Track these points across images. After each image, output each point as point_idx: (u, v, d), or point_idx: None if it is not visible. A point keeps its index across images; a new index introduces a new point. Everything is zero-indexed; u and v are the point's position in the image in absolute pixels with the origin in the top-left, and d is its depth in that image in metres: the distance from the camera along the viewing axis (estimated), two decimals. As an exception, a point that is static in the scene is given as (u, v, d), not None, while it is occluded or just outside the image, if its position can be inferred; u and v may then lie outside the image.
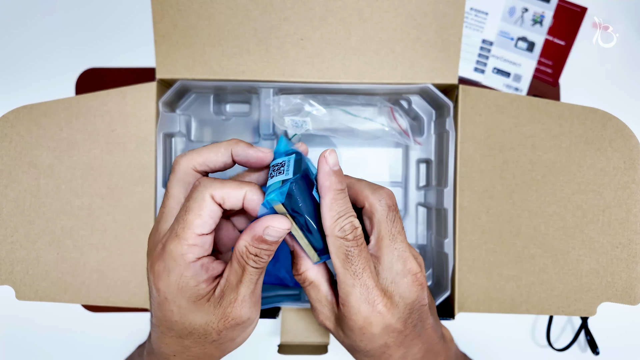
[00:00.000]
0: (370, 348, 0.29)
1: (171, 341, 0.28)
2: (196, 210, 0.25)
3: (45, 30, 0.55)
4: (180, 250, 0.25)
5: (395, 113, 0.47)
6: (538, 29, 0.56)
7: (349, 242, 0.27)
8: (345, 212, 0.27)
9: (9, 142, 0.42)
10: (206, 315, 0.27)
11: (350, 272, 0.27)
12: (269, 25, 0.42)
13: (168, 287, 0.26)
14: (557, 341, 0.54)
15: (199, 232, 0.25)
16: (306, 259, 0.29)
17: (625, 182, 0.41)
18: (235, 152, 0.29)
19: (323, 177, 0.27)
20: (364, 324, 0.28)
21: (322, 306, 0.30)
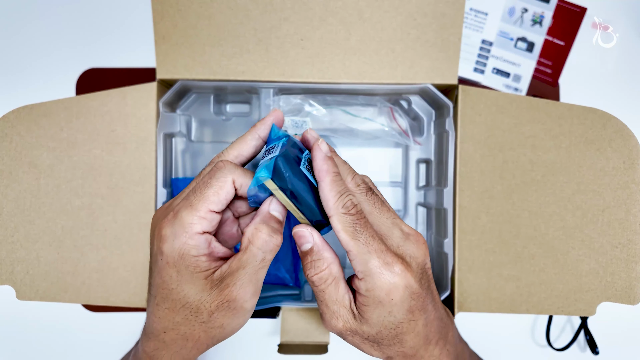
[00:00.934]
0: (399, 319, 0.29)
1: (163, 314, 0.29)
2: (216, 188, 0.28)
3: (45, 30, 0.55)
4: (191, 220, 0.27)
5: (395, 113, 0.48)
6: (538, 29, 0.56)
7: (353, 216, 0.28)
8: (345, 191, 0.29)
9: (10, 142, 0.42)
10: (201, 292, 0.28)
11: (361, 242, 0.28)
12: (269, 25, 0.42)
13: (172, 251, 0.27)
14: (556, 341, 0.54)
15: (212, 208, 0.28)
16: (328, 251, 0.29)
17: (625, 182, 0.41)
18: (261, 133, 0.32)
19: (320, 162, 0.29)
20: (390, 288, 0.28)
21: (340, 307, 0.30)
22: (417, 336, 0.30)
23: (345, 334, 0.31)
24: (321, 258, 0.29)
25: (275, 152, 0.29)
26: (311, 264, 0.29)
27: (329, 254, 0.29)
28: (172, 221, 0.28)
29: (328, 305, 0.30)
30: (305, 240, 0.29)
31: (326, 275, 0.29)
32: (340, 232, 0.28)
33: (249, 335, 0.55)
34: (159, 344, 0.30)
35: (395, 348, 0.31)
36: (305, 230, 0.29)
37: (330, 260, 0.29)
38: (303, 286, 0.47)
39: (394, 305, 0.29)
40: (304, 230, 0.29)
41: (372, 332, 0.30)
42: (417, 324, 0.30)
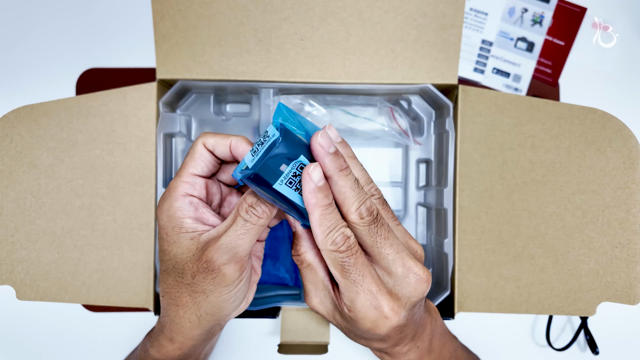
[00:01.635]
0: (371, 337, 0.31)
1: (162, 278, 0.31)
2: (191, 154, 0.31)
3: (45, 30, 0.55)
4: (175, 184, 0.30)
5: (395, 113, 0.48)
6: (538, 29, 0.56)
7: (342, 253, 0.27)
8: (335, 225, 0.27)
9: (10, 142, 0.42)
10: (187, 252, 0.29)
11: (350, 281, 0.28)
12: (269, 25, 0.42)
13: (162, 213, 0.30)
14: (556, 341, 0.54)
15: (191, 171, 0.30)
16: (307, 241, 0.30)
17: (625, 182, 0.41)
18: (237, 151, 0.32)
19: (309, 195, 0.26)
20: (372, 327, 0.29)
21: (318, 289, 0.31)
22: (385, 344, 0.32)
23: (319, 312, 0.32)
24: (299, 244, 0.30)
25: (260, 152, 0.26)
26: (293, 245, 0.31)
27: (307, 242, 0.30)
28: (165, 194, 0.31)
29: (306, 285, 0.31)
30: (292, 225, 0.31)
31: (301, 259, 0.30)
32: (330, 266, 0.28)
33: (249, 335, 0.55)
34: (163, 311, 0.33)
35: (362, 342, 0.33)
36: (291, 219, 0.30)
37: (305, 248, 0.30)
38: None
39: (373, 335, 0.30)
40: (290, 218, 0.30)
41: (342, 325, 0.32)
42: (390, 340, 0.31)
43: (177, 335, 0.33)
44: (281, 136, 0.26)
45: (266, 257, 0.47)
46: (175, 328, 0.32)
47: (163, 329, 0.34)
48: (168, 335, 0.33)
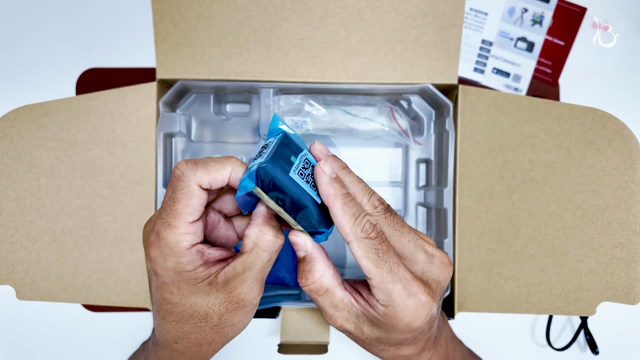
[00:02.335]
0: (406, 338, 0.29)
1: (171, 327, 0.28)
2: (185, 200, 0.26)
3: (45, 30, 0.55)
4: (174, 239, 0.26)
5: (395, 113, 0.48)
6: (538, 29, 0.56)
7: (374, 240, 0.26)
8: (359, 212, 0.27)
9: (10, 142, 0.42)
10: (207, 297, 0.27)
11: (385, 270, 0.26)
12: (269, 25, 0.42)
13: (166, 271, 0.27)
14: (556, 341, 0.54)
15: (190, 219, 0.26)
16: (320, 264, 0.28)
17: (625, 182, 0.41)
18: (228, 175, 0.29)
19: (326, 187, 0.27)
20: (412, 318, 0.27)
21: (339, 310, 0.29)
22: (415, 347, 0.31)
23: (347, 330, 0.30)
24: (312, 270, 0.28)
25: (265, 153, 0.27)
26: (302, 274, 0.28)
27: (321, 265, 0.28)
28: (157, 243, 0.27)
29: (323, 309, 0.30)
30: (299, 248, 0.28)
31: (317, 287, 0.28)
32: (362, 259, 0.26)
33: (249, 335, 0.55)
34: (173, 353, 0.30)
35: (388, 354, 0.31)
36: (299, 239, 0.28)
37: (321, 272, 0.28)
38: (303, 286, 0.47)
39: (409, 330, 0.28)
40: (297, 239, 0.28)
41: (371, 336, 0.29)
42: (420, 340, 0.30)
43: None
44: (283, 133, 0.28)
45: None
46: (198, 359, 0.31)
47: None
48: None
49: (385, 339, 0.29)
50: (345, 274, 0.49)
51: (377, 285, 0.27)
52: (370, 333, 0.29)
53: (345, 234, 0.27)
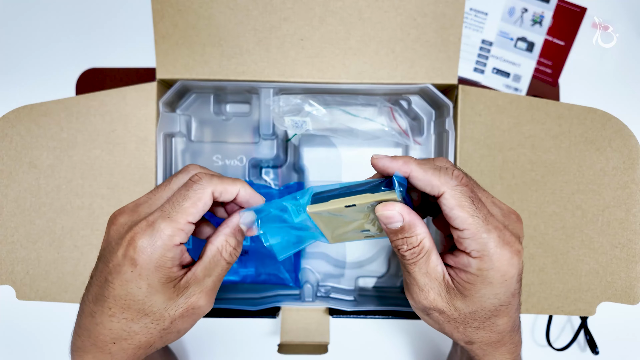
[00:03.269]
0: (501, 302, 0.28)
1: (118, 325, 0.28)
2: (194, 200, 0.28)
3: (45, 30, 0.55)
4: (171, 232, 0.27)
5: (395, 113, 0.48)
6: (537, 29, 0.56)
7: (466, 187, 0.27)
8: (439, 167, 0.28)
9: (10, 142, 0.42)
10: (167, 300, 0.28)
11: (481, 218, 0.26)
12: (269, 25, 0.42)
13: (148, 262, 0.27)
14: (556, 341, 0.54)
15: (191, 219, 0.27)
16: (420, 226, 0.27)
17: (625, 182, 0.41)
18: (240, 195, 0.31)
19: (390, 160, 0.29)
20: (507, 269, 0.27)
21: (431, 279, 0.28)
22: (508, 321, 0.29)
23: (429, 310, 0.30)
24: (414, 235, 0.27)
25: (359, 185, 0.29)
26: (403, 241, 0.28)
27: (422, 229, 0.27)
28: (150, 232, 0.27)
29: (417, 279, 0.29)
30: (394, 219, 0.27)
31: (418, 249, 0.28)
32: (455, 208, 0.26)
33: (249, 335, 0.55)
34: (101, 356, 0.29)
35: (482, 333, 0.30)
36: (393, 212, 0.27)
37: (423, 234, 0.27)
38: (303, 286, 0.47)
39: (504, 287, 0.27)
40: (391, 212, 0.27)
41: (465, 311, 0.29)
42: (512, 309, 0.29)
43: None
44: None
45: (266, 257, 0.47)
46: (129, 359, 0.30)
47: None
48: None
49: (479, 309, 0.28)
50: (345, 274, 0.49)
51: (471, 235, 0.26)
52: (462, 307, 0.28)
53: (435, 187, 0.27)
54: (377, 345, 0.55)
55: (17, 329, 0.55)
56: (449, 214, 0.27)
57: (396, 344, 0.54)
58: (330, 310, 0.46)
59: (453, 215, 0.26)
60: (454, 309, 0.29)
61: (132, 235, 0.27)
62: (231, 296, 0.47)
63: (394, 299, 0.47)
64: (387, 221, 0.27)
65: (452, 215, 0.27)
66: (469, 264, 0.27)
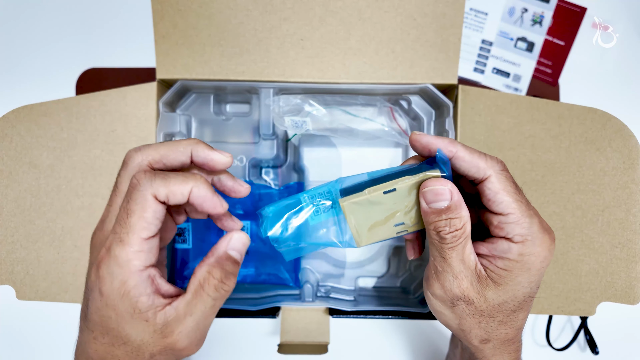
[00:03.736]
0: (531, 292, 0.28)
1: (101, 348, 0.26)
2: (139, 212, 0.24)
3: (45, 30, 0.55)
4: (126, 257, 0.24)
5: (395, 113, 0.48)
6: (537, 29, 0.56)
7: (509, 173, 0.27)
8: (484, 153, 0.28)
9: (10, 142, 0.42)
10: (142, 334, 0.25)
11: (524, 203, 0.26)
12: (269, 25, 0.42)
13: (111, 292, 0.24)
14: (556, 341, 0.54)
15: (144, 235, 0.24)
16: (465, 209, 0.27)
17: (625, 182, 0.41)
18: (195, 152, 0.27)
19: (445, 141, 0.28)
20: (547, 254, 0.27)
21: (465, 267, 0.27)
22: (525, 317, 0.30)
23: (457, 301, 0.28)
24: (459, 216, 0.26)
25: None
26: (447, 222, 0.26)
27: (466, 211, 0.27)
28: (107, 260, 0.24)
29: (452, 265, 0.27)
30: (443, 197, 0.26)
31: (460, 233, 0.27)
32: (501, 192, 0.26)
33: (249, 334, 0.55)
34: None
35: (502, 329, 0.29)
36: (445, 188, 0.26)
37: (466, 217, 0.27)
38: (303, 286, 0.47)
39: (539, 274, 0.27)
40: (443, 188, 0.26)
41: (495, 302, 0.28)
42: (531, 303, 0.29)
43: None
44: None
45: (266, 257, 0.47)
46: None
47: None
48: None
49: (509, 300, 0.28)
50: (345, 274, 0.49)
51: (515, 220, 0.26)
52: (493, 297, 0.28)
53: (482, 169, 0.26)
54: (377, 345, 0.55)
55: (17, 329, 0.55)
56: (494, 198, 0.26)
57: (396, 344, 0.54)
58: (330, 310, 0.46)
59: (498, 199, 0.26)
60: (483, 299, 0.28)
61: (97, 265, 0.25)
62: (231, 296, 0.47)
63: (394, 299, 0.47)
64: (436, 198, 0.26)
65: (496, 200, 0.26)
66: (509, 249, 0.27)
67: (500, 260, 0.27)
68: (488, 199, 0.27)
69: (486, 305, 0.28)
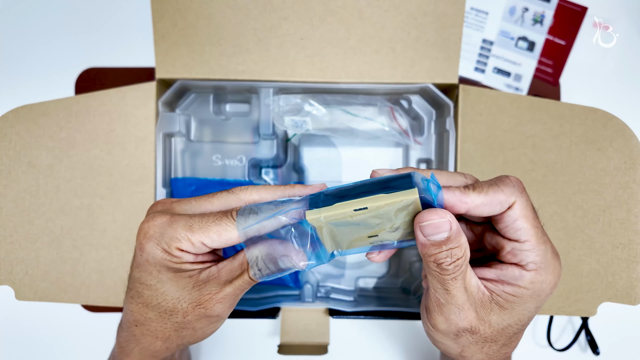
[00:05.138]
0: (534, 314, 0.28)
1: (136, 308, 0.28)
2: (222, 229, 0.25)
3: (45, 29, 0.55)
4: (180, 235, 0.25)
5: (396, 113, 0.47)
6: (538, 29, 0.56)
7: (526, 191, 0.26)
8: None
9: (9, 142, 0.42)
10: (181, 291, 0.26)
11: (540, 230, 0.25)
12: (269, 24, 0.42)
13: (153, 252, 0.26)
14: (557, 341, 0.54)
15: (206, 242, 0.26)
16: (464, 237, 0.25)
17: (626, 182, 0.41)
18: (292, 194, 0.28)
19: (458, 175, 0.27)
20: (556, 279, 0.27)
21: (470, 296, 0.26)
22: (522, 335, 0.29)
23: (461, 333, 0.27)
24: (459, 245, 0.24)
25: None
26: (448, 253, 0.24)
27: (464, 237, 0.25)
28: (164, 225, 0.26)
29: (456, 296, 0.26)
30: (443, 229, 0.24)
31: (462, 261, 0.25)
32: (520, 219, 0.25)
33: (249, 335, 0.55)
34: (129, 336, 0.29)
35: (503, 350, 0.29)
36: (444, 220, 0.24)
37: (466, 242, 0.25)
38: (303, 286, 0.47)
39: (547, 299, 0.27)
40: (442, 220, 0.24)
41: (499, 326, 0.27)
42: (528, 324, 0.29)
43: (147, 358, 0.30)
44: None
45: (266, 257, 0.46)
46: (148, 353, 0.30)
47: (129, 354, 0.30)
48: (137, 358, 0.30)
49: (514, 323, 0.27)
50: (345, 274, 0.49)
51: (532, 247, 0.25)
52: (498, 322, 0.27)
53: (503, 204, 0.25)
54: (377, 345, 0.55)
55: (16, 329, 0.55)
56: (512, 225, 0.25)
57: (396, 345, 0.54)
58: (330, 310, 0.46)
59: (516, 226, 0.25)
60: (488, 325, 0.27)
61: (150, 222, 0.26)
62: (231, 296, 0.47)
63: (394, 299, 0.47)
64: (435, 231, 0.24)
65: (515, 226, 0.25)
66: (520, 277, 0.26)
67: (510, 286, 0.26)
68: (505, 225, 0.25)
69: (491, 331, 0.27)
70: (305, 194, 0.27)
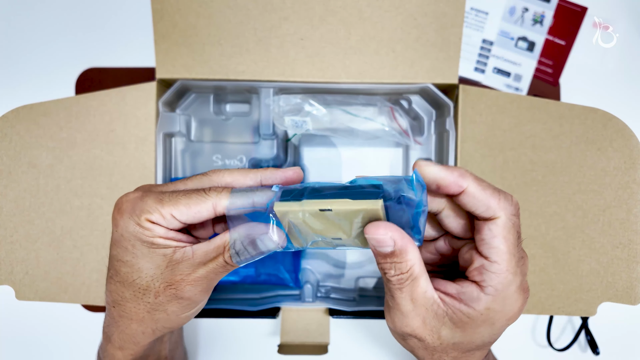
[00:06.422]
0: (488, 341, 0.27)
1: (114, 287, 0.28)
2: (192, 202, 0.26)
3: (45, 29, 0.55)
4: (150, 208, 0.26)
5: (396, 113, 0.47)
6: (538, 29, 0.56)
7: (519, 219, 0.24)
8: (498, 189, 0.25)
9: (9, 142, 0.42)
10: (155, 269, 0.27)
11: (516, 259, 0.24)
12: (269, 24, 0.42)
13: (126, 226, 0.26)
14: (557, 341, 0.54)
15: (176, 215, 0.26)
16: (413, 252, 0.24)
17: (626, 182, 0.41)
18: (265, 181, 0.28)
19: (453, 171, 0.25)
20: (515, 314, 0.26)
21: (417, 307, 0.26)
22: (484, 354, 0.28)
23: (406, 337, 0.27)
24: (404, 260, 0.25)
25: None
26: (391, 265, 0.25)
27: (413, 254, 0.25)
28: (136, 200, 0.26)
29: (400, 304, 0.26)
30: (385, 244, 0.24)
31: (406, 276, 0.25)
32: (499, 237, 0.24)
33: (249, 335, 0.55)
34: (110, 320, 0.30)
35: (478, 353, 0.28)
36: (385, 236, 0.24)
37: (414, 260, 0.25)
38: (303, 286, 0.47)
39: (502, 329, 0.26)
40: (382, 237, 0.24)
41: (449, 341, 0.27)
42: (492, 344, 0.28)
43: (128, 344, 0.30)
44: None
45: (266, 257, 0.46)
46: (126, 338, 0.30)
47: (110, 339, 0.31)
48: (117, 344, 0.31)
49: (466, 342, 0.27)
50: (345, 274, 0.49)
51: (499, 271, 0.24)
52: (448, 337, 0.26)
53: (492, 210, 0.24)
54: (377, 345, 0.55)
55: (16, 329, 0.55)
56: (489, 241, 0.24)
57: (396, 344, 0.54)
58: (330, 310, 0.46)
59: (492, 244, 0.24)
60: (437, 337, 0.27)
61: (124, 197, 0.27)
62: (231, 296, 0.47)
63: (394, 299, 0.47)
64: (379, 244, 0.25)
65: (491, 243, 0.24)
66: (477, 299, 0.25)
67: (465, 307, 0.25)
68: (482, 238, 0.25)
69: (439, 343, 0.27)
70: (278, 177, 0.28)
